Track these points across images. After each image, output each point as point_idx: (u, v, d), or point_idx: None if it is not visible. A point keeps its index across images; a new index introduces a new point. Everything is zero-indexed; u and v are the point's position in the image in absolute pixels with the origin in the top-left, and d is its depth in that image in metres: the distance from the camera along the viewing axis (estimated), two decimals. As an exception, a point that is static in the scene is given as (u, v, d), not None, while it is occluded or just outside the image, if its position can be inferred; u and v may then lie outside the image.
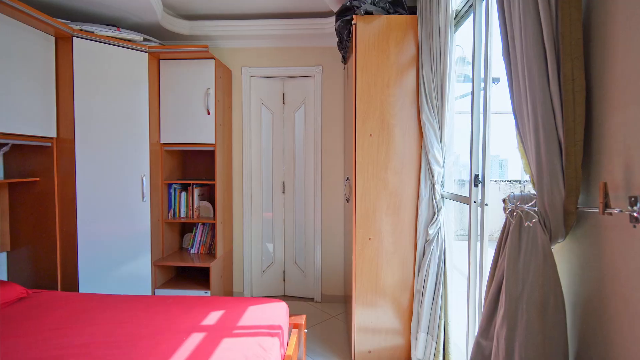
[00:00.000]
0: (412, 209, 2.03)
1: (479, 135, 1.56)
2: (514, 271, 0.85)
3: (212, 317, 1.65)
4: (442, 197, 1.95)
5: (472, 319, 1.59)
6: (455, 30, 1.95)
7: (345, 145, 2.95)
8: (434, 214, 1.93)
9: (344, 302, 3.04)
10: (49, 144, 2.29)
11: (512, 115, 1.00)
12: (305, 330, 1.94)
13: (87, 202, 2.35)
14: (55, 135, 2.29)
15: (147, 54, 2.55)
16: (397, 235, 2.04)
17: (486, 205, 1.46)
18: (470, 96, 2.28)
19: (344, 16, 2.11)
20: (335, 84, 3.07)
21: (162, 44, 2.70)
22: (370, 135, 2.04)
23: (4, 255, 2.37)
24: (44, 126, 2.22)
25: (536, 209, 0.86)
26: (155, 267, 2.70)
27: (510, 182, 5.12)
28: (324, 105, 3.10)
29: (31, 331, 1.53)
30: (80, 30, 2.28)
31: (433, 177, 1.93)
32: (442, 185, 1.97)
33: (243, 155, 3.16)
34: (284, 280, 3.29)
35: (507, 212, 0.92)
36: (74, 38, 2.26)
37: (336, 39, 2.66)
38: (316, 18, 2.85)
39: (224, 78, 2.94)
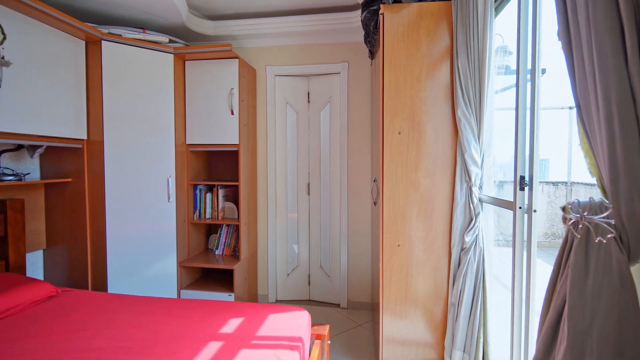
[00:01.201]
0: (446, 213, 1.85)
1: (525, 132, 1.38)
2: (580, 298, 0.68)
3: (231, 325, 1.58)
4: (481, 201, 1.76)
5: (518, 340, 1.40)
6: (495, 16, 1.76)
7: (372, 145, 2.81)
8: (471, 219, 1.75)
9: (372, 309, 2.90)
10: (80, 146, 2.35)
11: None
12: (329, 342, 1.83)
13: (115, 202, 2.38)
14: (85, 137, 2.35)
15: (172, 55, 2.56)
16: (429, 242, 1.87)
17: (534, 211, 1.27)
18: (511, 89, 2.08)
19: (371, 6, 1.98)
20: (362, 80, 2.93)
21: (187, 44, 2.70)
22: (399, 133, 1.89)
23: (40, 253, 2.46)
24: (76, 128, 2.28)
25: (610, 220, 0.69)
26: (181, 267, 2.71)
27: (555, 183, 4.70)
28: (350, 103, 2.97)
29: (54, 331, 1.53)
30: (109, 33, 2.32)
31: (470, 179, 1.75)
32: (481, 187, 1.79)
33: (267, 155, 3.10)
34: (309, 284, 3.19)
35: (570, 223, 0.75)
36: (103, 41, 2.30)
37: (362, 33, 2.52)
38: (341, 12, 2.73)
39: (248, 78, 2.90)
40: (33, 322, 1.63)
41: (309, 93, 3.12)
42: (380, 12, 1.88)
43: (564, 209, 0.79)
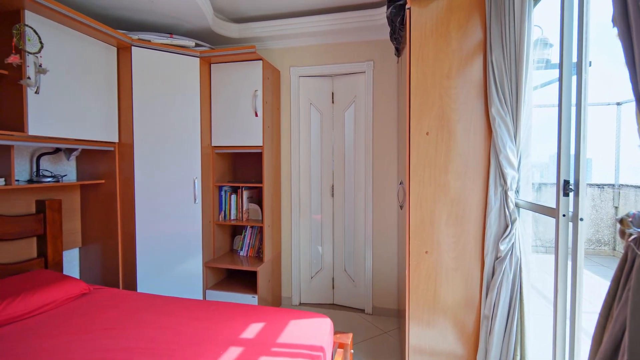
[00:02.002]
0: (479, 219, 1.73)
1: (569, 131, 1.24)
2: (645, 327, 0.58)
3: (252, 330, 1.56)
4: (517, 206, 1.63)
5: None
6: (534, 6, 1.62)
7: (398, 146, 2.71)
8: (507, 226, 1.62)
9: (398, 316, 2.79)
10: (112, 149, 2.43)
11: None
12: (352, 351, 1.77)
13: (144, 203, 2.45)
14: (117, 140, 2.43)
15: (198, 58, 2.60)
16: (459, 250, 1.76)
17: (581, 220, 1.15)
18: (551, 85, 1.91)
19: (397, 1, 1.90)
20: (387, 79, 2.84)
21: (212, 48, 2.73)
22: (427, 133, 1.79)
23: (76, 251, 2.58)
24: (108, 132, 2.36)
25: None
26: (206, 268, 2.74)
27: (600, 186, 4.33)
28: (375, 103, 2.89)
29: (84, 329, 1.58)
30: (139, 39, 2.39)
31: (505, 182, 1.62)
32: (517, 192, 1.65)
33: (291, 157, 3.08)
34: (333, 287, 3.14)
35: (630, 239, 0.65)
36: (133, 47, 2.37)
37: (388, 30, 2.43)
38: (366, 9, 2.65)
39: (273, 79, 2.89)
40: (67, 319, 1.70)
41: (333, 93, 3.07)
42: (407, 6, 1.79)
43: (621, 221, 0.68)
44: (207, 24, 2.63)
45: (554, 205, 1.27)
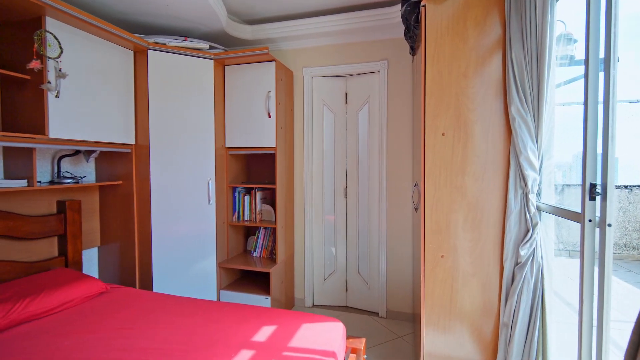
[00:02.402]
0: (497, 223, 1.67)
1: (595, 131, 1.18)
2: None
3: (264, 333, 1.55)
4: (539, 209, 1.56)
5: (585, 374, 1.20)
6: (557, 0, 1.55)
7: (413, 147, 2.65)
8: (527, 230, 1.55)
9: (413, 321, 2.74)
10: (129, 150, 2.48)
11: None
12: (365, 356, 1.74)
13: (159, 204, 2.49)
14: (133, 142, 2.48)
15: (212, 60, 2.62)
16: (477, 254, 1.70)
17: (609, 226, 1.08)
18: (575, 82, 1.83)
19: (412, -1, 1.85)
20: (402, 79, 2.79)
21: (226, 50, 2.75)
22: (443, 134, 1.74)
23: (95, 250, 2.65)
24: (125, 134, 2.41)
25: None
26: (220, 268, 2.76)
27: (628, 187, 4.12)
28: (389, 103, 2.84)
29: (101, 327, 1.61)
30: (155, 42, 2.43)
31: (526, 184, 1.55)
32: (539, 194, 1.58)
33: (305, 158, 3.07)
34: (347, 290, 3.11)
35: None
36: (149, 50, 2.41)
37: (402, 28, 2.39)
38: (380, 8, 2.61)
39: (285, 80, 2.89)
40: (85, 317, 1.74)
41: (346, 93, 3.04)
42: (422, 4, 1.74)
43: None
44: (221, 26, 2.65)
45: (579, 210, 1.20)
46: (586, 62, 1.19)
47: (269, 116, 2.66)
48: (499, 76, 1.67)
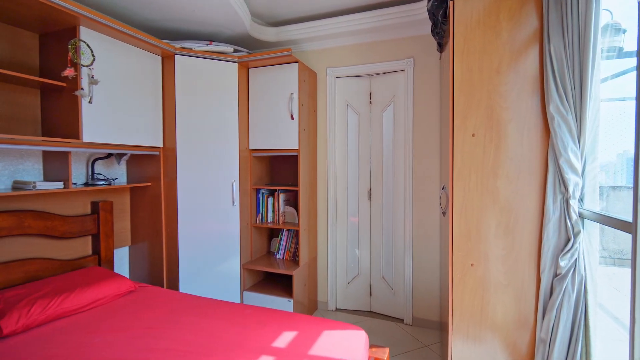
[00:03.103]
0: (534, 230, 1.55)
1: (650, 130, 1.05)
2: None
3: (284, 339, 1.53)
4: (582, 217, 1.42)
5: (638, 403, 1.07)
6: (604, -14, 1.41)
7: (441, 148, 2.54)
8: (568, 239, 1.42)
9: (440, 329, 2.62)
10: (157, 153, 2.56)
11: None
12: (389, 366, 1.67)
13: (186, 205, 2.55)
14: (161, 145, 2.55)
15: (236, 63, 2.64)
16: (510, 264, 1.58)
17: (667, 237, 0.95)
18: (624, 76, 1.66)
19: (439, -7, 1.76)
20: (429, 77, 2.68)
21: (250, 52, 2.77)
22: (473, 135, 1.64)
23: (126, 249, 2.75)
24: (154, 137, 2.49)
25: None
26: (243, 269, 2.79)
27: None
28: (415, 103, 2.74)
29: (129, 326, 1.66)
30: (181, 47, 2.49)
31: (566, 189, 1.43)
32: (581, 200, 1.45)
33: (328, 160, 3.03)
34: (371, 294, 3.04)
35: None
36: (176, 55, 2.47)
37: (429, 25, 2.29)
38: (405, 4, 2.52)
39: (309, 81, 2.87)
40: (114, 315, 1.80)
41: (370, 93, 2.97)
42: (451, -3, 1.65)
43: None
44: (245, 29, 2.67)
45: (629, 218, 1.08)
46: (639, 54, 1.07)
47: (292, 118, 2.65)
48: (535, 72, 1.55)
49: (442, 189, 2.09)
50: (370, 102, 2.97)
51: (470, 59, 1.64)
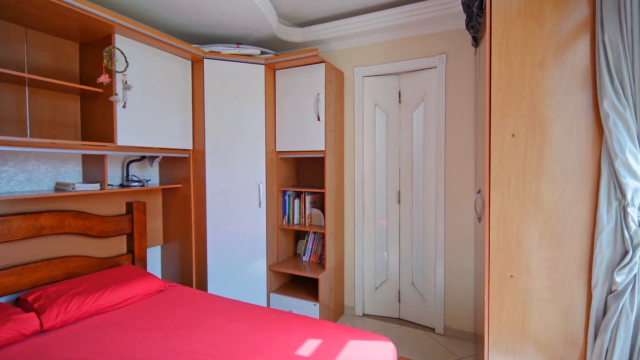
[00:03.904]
0: (584, 241, 1.39)
1: None
2: None
3: (308, 347, 1.49)
4: (642, 227, 1.26)
5: None
6: (670, -35, 1.24)
7: (476, 150, 2.39)
8: (626, 252, 1.27)
9: (475, 341, 2.47)
10: (187, 155, 2.62)
11: None
12: (418, 381, 1.58)
13: (214, 206, 2.58)
14: (191, 147, 2.61)
15: (263, 66, 2.64)
16: (556, 277, 1.44)
17: None
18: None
19: (475, -17, 1.64)
20: (463, 73, 2.53)
21: (277, 54, 2.76)
22: (513, 135, 1.50)
23: (158, 248, 2.84)
24: (184, 140, 2.55)
25: None
26: (270, 271, 2.78)
27: None
28: (448, 101, 2.60)
29: (158, 326, 1.70)
30: (210, 51, 2.53)
31: (623, 195, 1.27)
32: (642, 208, 1.28)
33: (355, 161, 2.96)
34: (399, 301, 2.93)
35: None
36: (205, 59, 2.52)
37: (463, 18, 2.16)
38: (439, -2, 2.40)
39: (336, 81, 2.81)
40: (145, 314, 1.85)
41: (400, 92, 2.86)
42: (488, -13, 1.53)
43: None
44: (272, 31, 2.67)
45: None
46: None
47: (319, 119, 2.61)
48: (585, 64, 1.40)
49: (478, 192, 1.95)
50: (400, 102, 2.86)
51: (510, 53, 1.51)
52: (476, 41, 2.17)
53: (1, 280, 1.81)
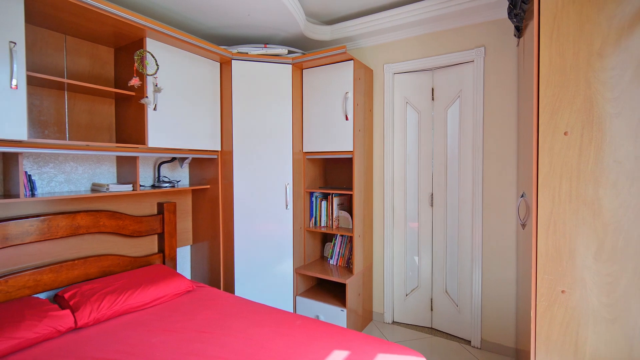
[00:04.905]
0: (653, 254, 1.21)
1: None
2: None
3: (334, 359, 1.41)
4: None
5: None
6: None
7: (519, 149, 2.20)
8: None
9: (516, 357, 2.28)
10: (215, 156, 2.63)
11: None
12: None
13: (241, 208, 2.58)
14: (219, 149, 2.62)
15: (290, 65, 2.60)
16: (618, 294, 1.26)
17: None
18: None
19: (521, -34, 1.49)
20: (503, 67, 2.35)
21: (304, 53, 2.72)
22: (566, 133, 1.34)
23: (188, 248, 2.89)
24: (212, 141, 2.56)
25: None
26: (296, 274, 2.74)
27: None
28: (487, 97, 2.42)
29: (184, 328, 1.69)
30: (238, 52, 2.52)
31: None
32: None
33: (385, 162, 2.84)
34: (432, 309, 2.77)
35: None
36: (233, 61, 2.51)
37: (505, 6, 1.99)
38: (477, -14, 2.23)
39: (365, 79, 2.72)
40: (172, 315, 1.86)
41: (433, 89, 2.71)
42: (536, -31, 1.38)
43: None
44: (299, 30, 2.62)
45: None
46: None
47: (347, 118, 2.52)
48: (656, 51, 1.21)
49: (521, 196, 1.78)
50: (433, 99, 2.71)
51: (562, 42, 1.35)
52: (519, 31, 2.00)
53: (42, 276, 1.89)
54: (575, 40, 1.33)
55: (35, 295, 1.87)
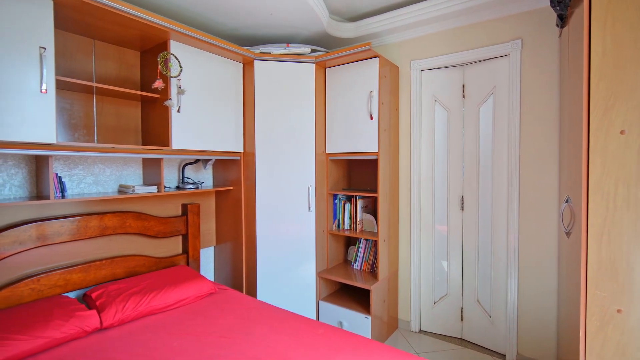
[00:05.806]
0: None
1: None
2: None
3: (359, 373, 1.33)
4: None
5: None
6: None
7: (561, 149, 2.02)
8: None
9: (556, 376, 2.10)
10: (238, 158, 2.62)
11: None
12: None
13: (263, 209, 2.54)
14: (242, 150, 2.60)
15: (313, 64, 2.54)
16: (688, 317, 1.10)
17: None
18: None
19: (568, -54, 1.34)
20: (543, 60, 2.16)
21: (327, 51, 2.64)
22: (623, 132, 1.19)
23: (211, 249, 2.90)
24: (235, 142, 2.55)
25: None
26: (319, 278, 2.67)
27: None
28: (524, 93, 2.25)
29: (204, 332, 1.67)
30: (261, 52, 2.49)
31: None
32: None
33: (411, 163, 2.72)
34: (462, 319, 2.62)
35: None
36: (255, 61, 2.49)
37: (548, -7, 1.82)
38: (514, -26, 2.07)
39: (390, 77, 2.61)
40: (194, 318, 1.84)
41: (463, 86, 2.55)
42: (587, -52, 1.23)
43: None
44: (322, 28, 2.55)
45: None
46: None
47: (371, 118, 2.43)
48: None
49: (566, 201, 1.62)
50: (463, 96, 2.56)
51: (618, 30, 1.20)
52: (562, 20, 1.83)
53: (71, 276, 1.93)
54: (632, 27, 1.18)
55: (65, 294, 1.92)
